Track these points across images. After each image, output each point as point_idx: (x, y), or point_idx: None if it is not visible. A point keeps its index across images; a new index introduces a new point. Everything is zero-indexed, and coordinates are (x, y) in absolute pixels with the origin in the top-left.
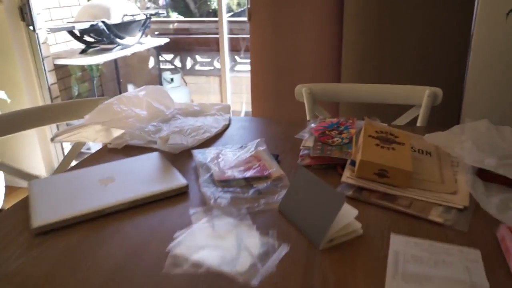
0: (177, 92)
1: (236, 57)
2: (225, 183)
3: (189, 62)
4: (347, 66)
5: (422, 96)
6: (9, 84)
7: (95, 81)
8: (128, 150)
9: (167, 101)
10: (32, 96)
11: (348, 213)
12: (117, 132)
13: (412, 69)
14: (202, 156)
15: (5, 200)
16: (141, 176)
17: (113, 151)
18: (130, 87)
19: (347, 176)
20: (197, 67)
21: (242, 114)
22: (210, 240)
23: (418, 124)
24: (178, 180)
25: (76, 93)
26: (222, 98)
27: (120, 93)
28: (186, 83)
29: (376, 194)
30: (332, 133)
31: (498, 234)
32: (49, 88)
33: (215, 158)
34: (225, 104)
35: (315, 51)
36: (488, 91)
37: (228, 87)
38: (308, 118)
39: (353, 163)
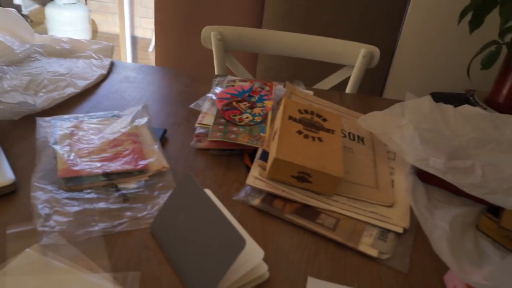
0: (72, 11)
1: None
2: (73, 182)
3: None
4: (271, 5)
5: (356, 55)
6: None
7: None
8: None
9: (22, 33)
10: None
11: (251, 256)
12: None
13: (346, 19)
14: (50, 130)
15: None
16: None
17: None
18: None
19: (254, 176)
20: None
21: (152, 44)
22: None
23: (348, 90)
24: (1, 173)
25: None
26: (120, 22)
27: None
28: (85, 0)
29: (292, 205)
30: (241, 106)
31: (447, 281)
32: None
33: (69, 135)
34: (106, 44)
35: None
36: (419, 53)
37: (126, 9)
38: (216, 72)
39: (265, 156)
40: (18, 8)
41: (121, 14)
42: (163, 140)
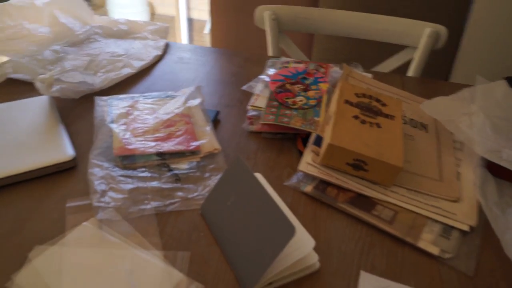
0: None
1: None
2: (128, 160)
3: None
4: None
5: (420, 35)
6: None
7: None
8: (10, 86)
9: (83, 15)
10: None
11: (302, 244)
12: (2, 58)
13: None
14: (107, 109)
15: None
16: (8, 139)
17: None
18: None
19: (307, 162)
20: None
21: (207, 26)
22: (79, 271)
23: (410, 73)
24: (62, 149)
25: None
26: (175, 4)
27: None
28: None
29: (346, 194)
30: (295, 88)
31: None
32: None
33: (125, 114)
34: (162, 25)
35: None
36: (492, 33)
37: None
38: (269, 53)
39: (318, 141)
40: None
41: None
42: (215, 122)
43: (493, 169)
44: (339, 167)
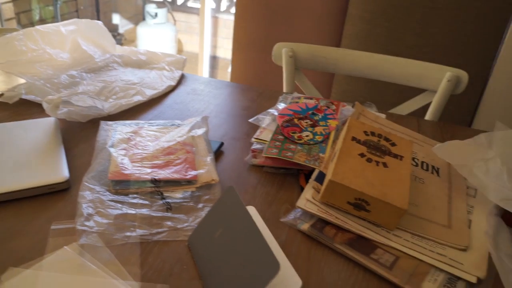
0: (161, 29)
1: None
2: (121, 185)
3: None
4: (350, 26)
5: (440, 79)
6: None
7: (58, 5)
8: (23, 107)
9: (105, 44)
10: None
11: (287, 284)
12: (20, 80)
13: (432, 41)
14: (111, 133)
15: None
16: (6, 157)
17: (2, 106)
18: (116, 18)
19: (307, 198)
20: (190, 4)
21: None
22: None
23: (428, 116)
24: (58, 170)
25: (37, 18)
26: (199, 42)
27: None
28: (174, 21)
29: (345, 234)
30: (303, 123)
31: None
32: None
33: (126, 140)
34: (179, 57)
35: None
36: None
37: (206, 29)
38: (284, 90)
39: (321, 178)
40: (115, 27)
41: (201, 33)
42: (219, 153)
43: (508, 218)
44: (339, 206)
